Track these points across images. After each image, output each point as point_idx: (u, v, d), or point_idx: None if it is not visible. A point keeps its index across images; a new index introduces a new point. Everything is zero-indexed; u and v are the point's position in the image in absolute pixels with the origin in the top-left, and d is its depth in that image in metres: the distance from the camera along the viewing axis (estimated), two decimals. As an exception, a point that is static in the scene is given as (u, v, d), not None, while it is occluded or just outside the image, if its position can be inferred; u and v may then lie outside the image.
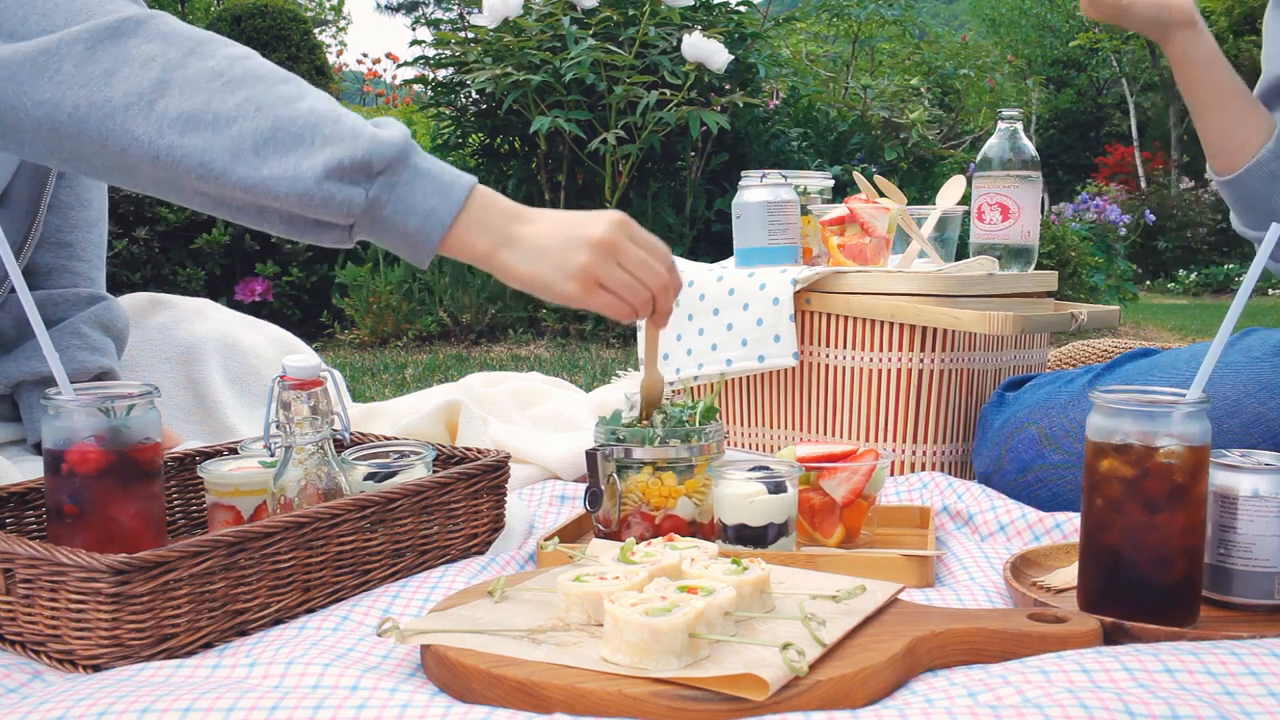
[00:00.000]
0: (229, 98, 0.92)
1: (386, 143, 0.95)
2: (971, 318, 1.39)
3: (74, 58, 0.92)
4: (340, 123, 0.94)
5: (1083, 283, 4.91)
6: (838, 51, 6.57)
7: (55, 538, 0.91)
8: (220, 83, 0.93)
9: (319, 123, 0.93)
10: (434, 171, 0.98)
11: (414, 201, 0.96)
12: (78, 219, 1.44)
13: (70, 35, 0.92)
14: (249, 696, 0.68)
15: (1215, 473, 0.90)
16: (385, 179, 0.95)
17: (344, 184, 0.93)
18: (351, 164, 0.93)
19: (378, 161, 0.94)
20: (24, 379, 1.35)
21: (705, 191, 4.38)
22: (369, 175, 0.94)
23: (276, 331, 1.72)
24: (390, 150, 0.95)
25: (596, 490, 1.14)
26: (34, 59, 0.92)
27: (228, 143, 0.92)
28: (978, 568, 1.07)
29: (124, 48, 0.93)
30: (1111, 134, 18.32)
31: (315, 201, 0.93)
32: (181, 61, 0.93)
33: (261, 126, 0.92)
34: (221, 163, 0.92)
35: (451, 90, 4.53)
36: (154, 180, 0.95)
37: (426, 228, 0.96)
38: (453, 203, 0.97)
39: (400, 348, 3.74)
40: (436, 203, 0.97)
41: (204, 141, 0.91)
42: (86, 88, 0.92)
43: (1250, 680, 0.71)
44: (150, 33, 0.94)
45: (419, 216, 0.96)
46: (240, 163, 0.92)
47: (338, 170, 0.93)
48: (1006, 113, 1.59)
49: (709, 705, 0.69)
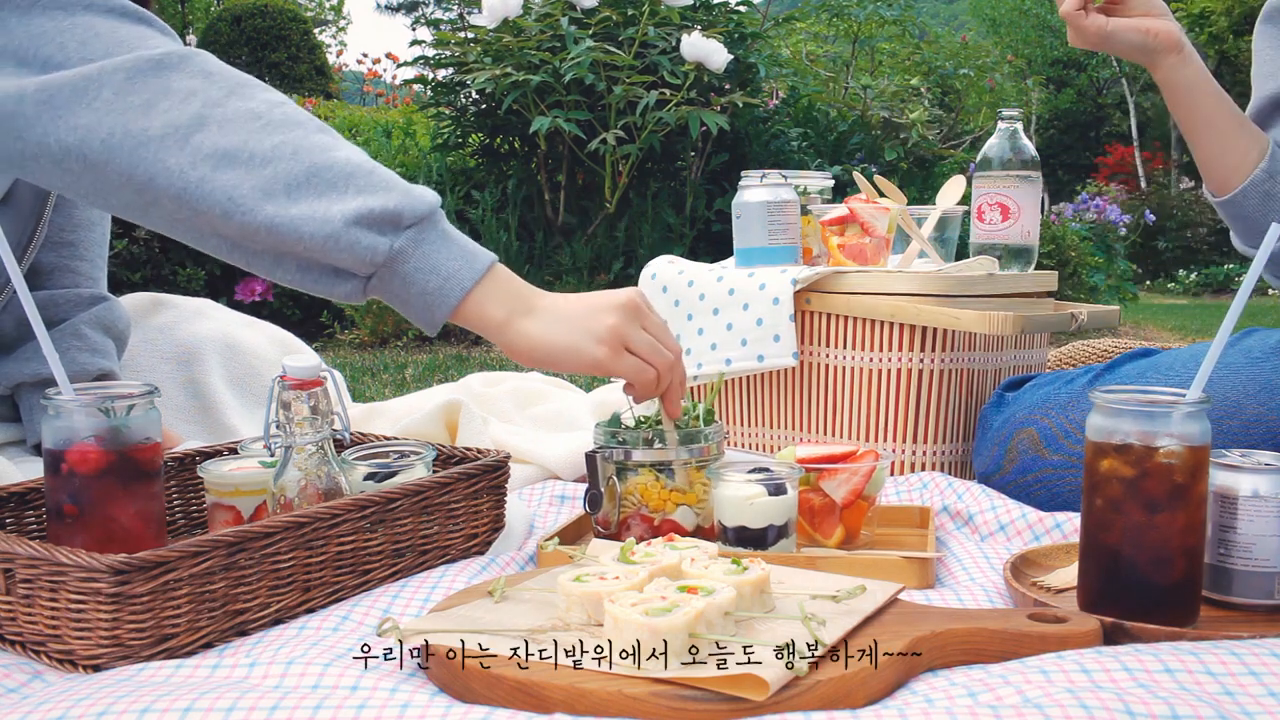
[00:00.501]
0: (266, 139, 0.93)
1: (419, 199, 0.96)
2: (971, 318, 1.39)
3: (114, 86, 0.92)
4: (375, 174, 0.96)
5: (1083, 283, 4.91)
6: (838, 51, 6.57)
7: (55, 538, 0.91)
8: (259, 124, 0.94)
9: (354, 172, 0.95)
10: (461, 239, 0.99)
11: (438, 261, 0.97)
12: (80, 218, 1.44)
13: (112, 64, 0.93)
14: (249, 696, 0.68)
15: (1215, 473, 0.90)
16: (413, 233, 0.96)
17: (371, 232, 0.94)
18: (382, 213, 0.94)
19: (408, 215, 0.95)
20: (24, 380, 1.35)
21: (705, 191, 4.38)
22: (398, 227, 0.95)
23: (277, 331, 1.72)
24: (422, 207, 0.96)
25: (596, 492, 1.14)
26: (74, 84, 0.93)
27: (260, 182, 0.92)
28: (978, 568, 1.07)
29: (166, 81, 0.93)
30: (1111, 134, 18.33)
31: (340, 245, 0.93)
32: (222, 100, 0.94)
33: (296, 169, 0.93)
34: (251, 200, 0.92)
35: (451, 90, 4.53)
36: (172, 219, 0.95)
37: (447, 288, 0.97)
38: (476, 269, 0.98)
39: (400, 348, 3.74)
40: (460, 266, 0.98)
41: (236, 178, 0.92)
42: (124, 116, 0.92)
43: (1250, 680, 0.71)
44: (193, 69, 0.95)
45: (440, 276, 0.97)
46: (270, 201, 0.92)
47: (367, 217, 0.93)
48: (1006, 113, 1.59)
49: (709, 705, 0.69)
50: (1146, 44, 1.27)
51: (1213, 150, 1.32)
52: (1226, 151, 1.31)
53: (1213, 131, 1.31)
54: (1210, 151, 1.32)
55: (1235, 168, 1.31)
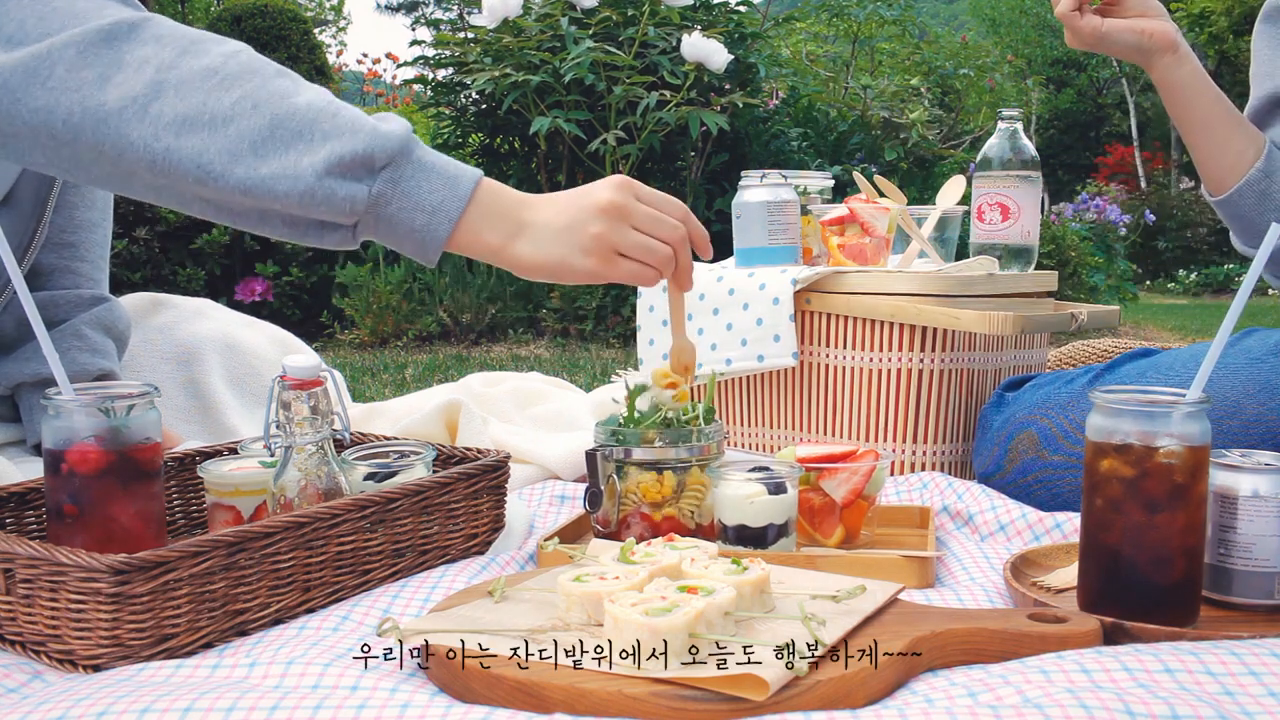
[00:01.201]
0: (225, 95, 0.91)
1: (388, 136, 0.92)
2: (971, 318, 1.39)
3: (66, 63, 0.91)
4: (339, 116, 0.92)
5: (1083, 283, 4.91)
6: (838, 51, 6.57)
7: (55, 538, 0.91)
8: (215, 80, 0.91)
9: (317, 118, 0.92)
10: (439, 165, 0.95)
11: (420, 196, 0.94)
12: (82, 219, 1.44)
13: (61, 41, 0.91)
14: (249, 696, 0.68)
15: (1215, 473, 0.90)
16: (389, 173, 0.93)
17: (346, 180, 0.91)
18: (353, 158, 0.91)
19: (380, 155, 0.92)
20: (25, 380, 1.35)
21: (705, 191, 4.38)
22: (371, 170, 0.92)
23: (277, 331, 1.72)
24: (393, 143, 0.92)
25: (596, 491, 1.14)
26: (26, 65, 0.91)
27: (225, 143, 0.90)
28: (978, 568, 1.07)
29: (117, 52, 0.91)
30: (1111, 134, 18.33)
31: (317, 199, 0.91)
32: (175, 61, 0.91)
33: (259, 124, 0.90)
34: (220, 164, 0.90)
35: (451, 90, 4.53)
36: (153, 187, 0.94)
37: (434, 223, 0.94)
38: (460, 195, 0.95)
39: (400, 348, 3.74)
40: (444, 196, 0.94)
41: (201, 143, 0.90)
42: (79, 93, 0.90)
43: (1250, 680, 0.71)
44: (144, 35, 0.92)
45: (426, 212, 0.94)
46: (239, 163, 0.90)
47: (339, 165, 0.91)
48: (1006, 113, 1.59)
49: (709, 705, 0.69)
50: (1142, 44, 1.28)
51: (1209, 149, 1.32)
52: (1223, 151, 1.31)
53: (1209, 131, 1.31)
54: (1207, 151, 1.32)
55: (1231, 167, 1.31)
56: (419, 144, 0.95)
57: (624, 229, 0.98)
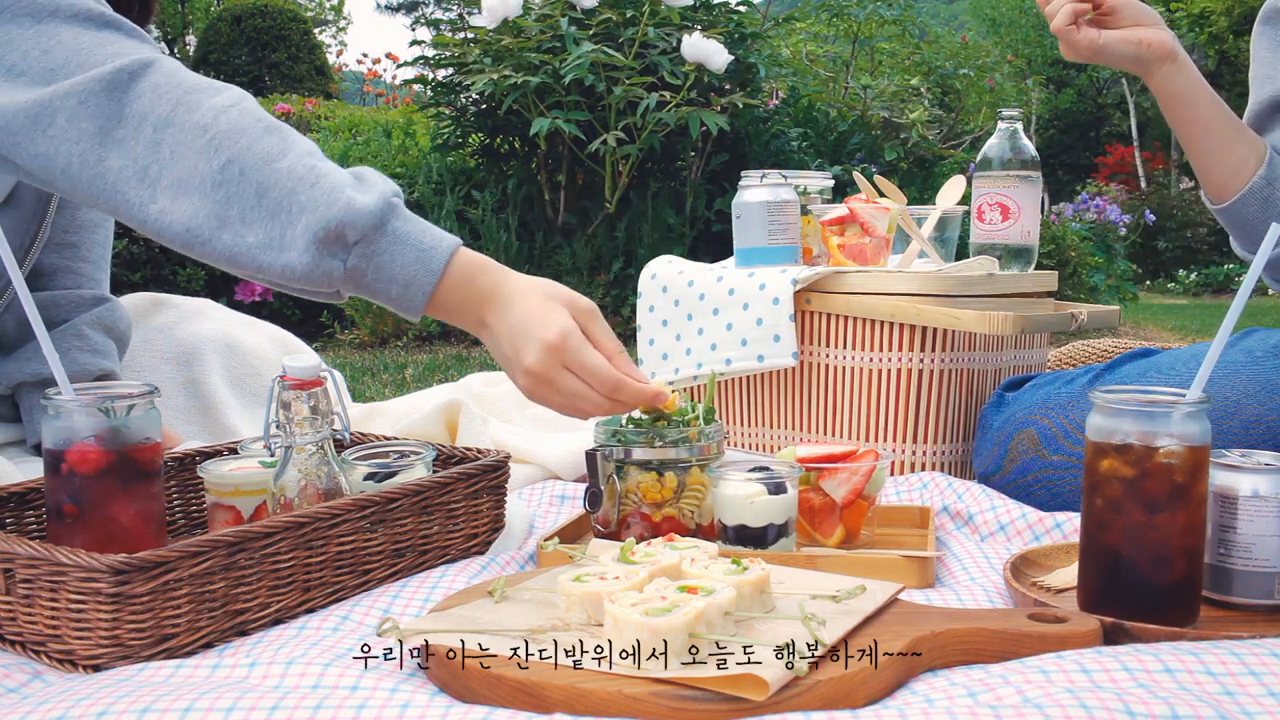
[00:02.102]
0: (215, 159, 0.92)
1: (362, 210, 0.93)
2: (971, 318, 1.39)
3: (67, 112, 0.93)
4: (318, 186, 0.93)
5: (1083, 283, 4.91)
6: (838, 51, 6.57)
7: (55, 538, 0.91)
8: (205, 140, 0.93)
9: (296, 187, 0.93)
10: (413, 236, 0.96)
11: (394, 270, 0.95)
12: (84, 220, 1.44)
13: (64, 89, 0.93)
14: (249, 696, 0.68)
15: (1215, 473, 0.90)
16: (362, 249, 0.94)
17: (324, 254, 0.93)
18: (326, 234, 0.92)
19: (353, 230, 0.93)
20: (25, 380, 1.35)
21: (705, 191, 4.38)
22: (345, 244, 0.93)
23: (277, 331, 1.72)
24: (366, 217, 0.93)
25: (596, 491, 1.14)
26: (29, 111, 0.93)
27: (213, 209, 0.92)
28: (978, 568, 1.07)
29: (118, 104, 0.93)
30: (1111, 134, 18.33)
31: (298, 274, 0.93)
32: (170, 117, 0.93)
33: (245, 192, 0.92)
34: (207, 231, 0.93)
35: (451, 90, 4.53)
36: (146, 233, 0.96)
37: (408, 295, 0.97)
38: (432, 271, 0.96)
39: (400, 348, 3.74)
40: (416, 272, 0.96)
41: (191, 208, 0.92)
42: (79, 145, 0.92)
43: (1250, 680, 0.71)
44: (142, 87, 0.94)
45: (399, 285, 0.96)
46: (226, 230, 0.92)
47: (316, 239, 0.92)
48: (1006, 113, 1.59)
49: (709, 705, 0.69)
50: (1140, 55, 1.26)
51: (1210, 157, 1.31)
52: (1224, 158, 1.30)
53: (1209, 139, 1.30)
54: (1207, 159, 1.31)
55: (1233, 174, 1.30)
56: (396, 212, 0.96)
57: (559, 370, 0.98)
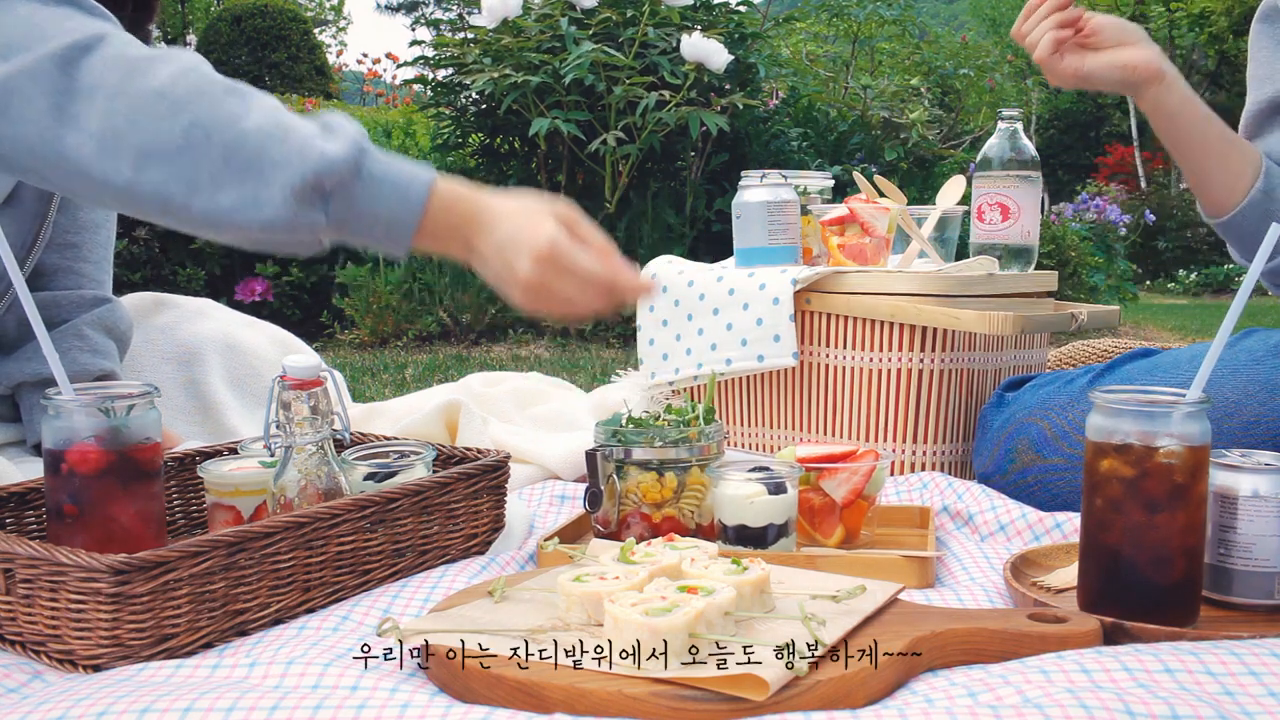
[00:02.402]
0: (176, 123, 0.90)
1: (335, 159, 0.92)
2: (971, 318, 1.39)
3: (21, 94, 0.91)
4: (288, 140, 0.92)
5: (1083, 283, 4.91)
6: (838, 51, 6.57)
7: (55, 538, 0.91)
8: (165, 105, 0.91)
9: (265, 143, 0.91)
10: (389, 175, 0.95)
11: (376, 211, 0.94)
12: (85, 220, 1.44)
13: (14, 68, 0.92)
14: (249, 696, 0.68)
15: (1215, 473, 0.90)
16: (341, 196, 0.93)
17: (303, 207, 0.92)
18: (303, 186, 0.91)
19: (328, 178, 0.92)
20: (25, 380, 1.35)
21: (705, 191, 4.38)
22: (323, 194, 0.92)
23: (277, 331, 1.72)
24: (339, 166, 0.92)
25: (596, 491, 1.14)
26: None
27: (182, 173, 0.90)
28: (978, 568, 1.07)
29: (70, 79, 0.91)
30: (1111, 134, 18.31)
31: (279, 230, 0.92)
32: (124, 87, 0.91)
33: (213, 154, 0.90)
34: (180, 196, 0.91)
35: (451, 90, 4.53)
36: (128, 209, 0.95)
37: (394, 233, 0.95)
38: (413, 210, 0.95)
39: (400, 348, 3.74)
40: (397, 209, 0.95)
41: (160, 175, 0.90)
42: (37, 125, 0.91)
43: (1250, 680, 0.71)
44: (93, 61, 0.92)
45: (383, 225, 0.95)
46: (197, 195, 0.91)
47: (293, 195, 0.91)
48: (1006, 113, 1.59)
49: (709, 705, 0.69)
50: (1127, 79, 1.24)
51: (1205, 173, 1.29)
52: (1220, 173, 1.28)
53: (1204, 154, 1.28)
54: (1203, 174, 1.30)
55: (1230, 188, 1.29)
56: (368, 154, 0.94)
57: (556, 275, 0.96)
